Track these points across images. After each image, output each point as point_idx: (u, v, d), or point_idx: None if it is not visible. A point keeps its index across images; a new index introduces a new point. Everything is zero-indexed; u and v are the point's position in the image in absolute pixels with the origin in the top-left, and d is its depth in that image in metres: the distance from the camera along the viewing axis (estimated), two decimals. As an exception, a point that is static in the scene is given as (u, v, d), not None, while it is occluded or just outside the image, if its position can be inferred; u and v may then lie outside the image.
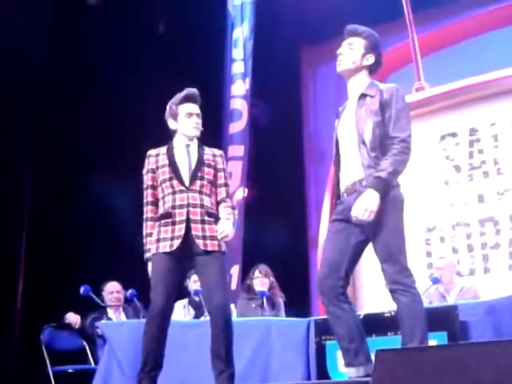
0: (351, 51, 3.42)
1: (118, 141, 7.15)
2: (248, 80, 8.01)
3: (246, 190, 7.78)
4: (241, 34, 8.12)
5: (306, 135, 8.38)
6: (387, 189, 3.18)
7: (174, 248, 3.77)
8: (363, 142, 3.27)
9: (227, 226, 3.84)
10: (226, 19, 8.20)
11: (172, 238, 3.79)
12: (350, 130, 3.36)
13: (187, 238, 3.79)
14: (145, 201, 3.97)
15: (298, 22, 7.81)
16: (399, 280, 3.17)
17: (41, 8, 7.08)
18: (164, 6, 8.02)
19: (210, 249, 3.78)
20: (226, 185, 4.00)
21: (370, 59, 3.41)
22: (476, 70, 7.02)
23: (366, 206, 3.14)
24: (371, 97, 3.32)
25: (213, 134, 7.82)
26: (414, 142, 3.30)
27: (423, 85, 7.28)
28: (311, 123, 8.43)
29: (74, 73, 7.18)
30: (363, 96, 3.36)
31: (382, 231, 3.19)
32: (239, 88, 8.05)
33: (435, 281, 5.40)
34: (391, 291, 3.20)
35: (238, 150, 7.94)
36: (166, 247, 3.79)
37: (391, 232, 3.20)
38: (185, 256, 3.83)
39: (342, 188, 3.40)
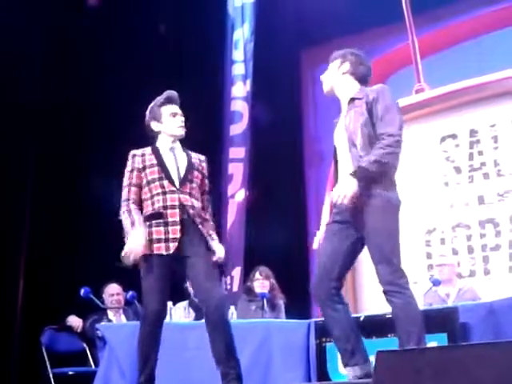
0: (327, 71, 3.54)
1: (118, 141, 7.12)
2: (249, 82, 8.01)
3: (247, 192, 7.79)
4: (241, 36, 8.12)
5: (306, 137, 8.38)
6: (367, 177, 3.18)
7: (171, 251, 3.72)
8: (353, 144, 3.31)
9: (221, 249, 3.88)
10: (225, 21, 8.21)
11: (167, 240, 3.72)
12: (342, 135, 3.41)
13: (181, 240, 3.75)
14: (125, 197, 3.83)
15: (298, 24, 7.81)
16: (392, 281, 3.18)
17: (40, 10, 7.06)
18: (164, 7, 8.02)
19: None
20: (208, 193, 4.02)
21: (346, 64, 3.48)
22: (476, 72, 7.02)
23: (341, 191, 3.18)
24: (359, 99, 3.37)
25: (213, 135, 7.85)
26: (415, 143, 3.32)
27: (423, 86, 7.28)
28: (311, 125, 8.43)
29: (72, 75, 7.17)
30: (351, 100, 3.41)
31: (375, 233, 3.22)
32: (240, 90, 8.06)
33: (435, 282, 5.39)
34: (385, 293, 3.21)
35: (238, 151, 7.95)
36: (161, 249, 3.72)
37: (384, 233, 3.21)
38: (176, 259, 3.79)
39: None
